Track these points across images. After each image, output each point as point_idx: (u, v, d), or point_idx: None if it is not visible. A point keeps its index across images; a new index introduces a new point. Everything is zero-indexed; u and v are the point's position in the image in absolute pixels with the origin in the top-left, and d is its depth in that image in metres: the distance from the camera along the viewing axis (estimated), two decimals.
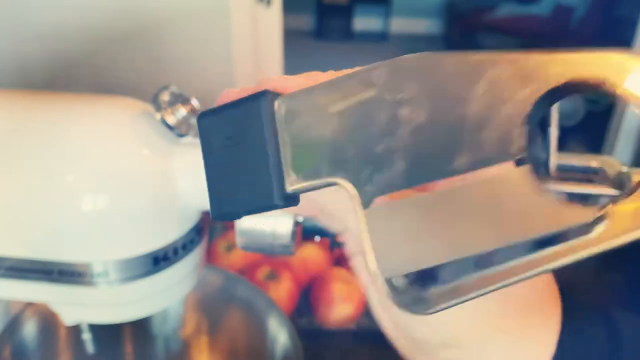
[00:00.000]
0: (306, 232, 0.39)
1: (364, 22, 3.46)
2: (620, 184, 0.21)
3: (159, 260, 0.37)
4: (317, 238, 0.40)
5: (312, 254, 0.73)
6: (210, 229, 0.78)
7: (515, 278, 0.16)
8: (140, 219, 0.34)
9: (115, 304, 0.38)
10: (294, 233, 0.37)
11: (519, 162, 0.15)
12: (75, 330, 0.48)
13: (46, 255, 0.35)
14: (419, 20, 3.50)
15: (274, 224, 0.36)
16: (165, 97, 0.35)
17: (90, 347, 0.47)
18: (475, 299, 0.16)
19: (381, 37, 3.45)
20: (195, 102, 0.36)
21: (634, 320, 0.28)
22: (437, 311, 0.16)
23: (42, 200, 0.33)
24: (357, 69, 0.17)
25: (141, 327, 0.56)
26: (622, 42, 1.69)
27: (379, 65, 0.17)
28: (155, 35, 1.10)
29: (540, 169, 0.18)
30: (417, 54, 0.17)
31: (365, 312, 0.70)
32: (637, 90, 0.15)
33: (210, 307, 0.55)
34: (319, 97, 0.17)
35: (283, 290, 0.67)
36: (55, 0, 1.02)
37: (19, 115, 0.35)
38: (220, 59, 1.16)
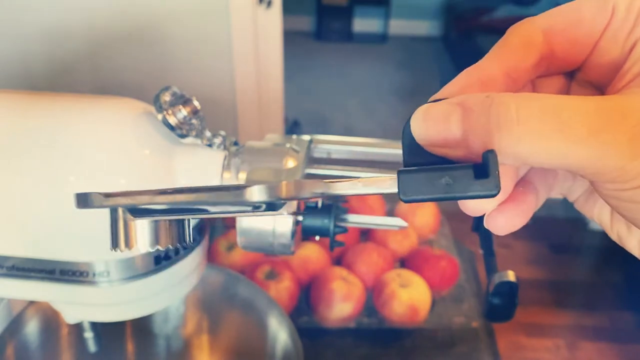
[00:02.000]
0: (306, 232, 0.39)
1: (364, 23, 3.46)
2: None
3: (161, 260, 0.37)
4: (317, 237, 0.40)
5: (312, 253, 0.73)
6: (211, 228, 0.78)
7: None
8: None
9: (116, 303, 0.38)
10: (293, 232, 0.37)
11: None
12: (77, 328, 0.48)
13: (48, 254, 0.35)
14: (418, 21, 3.50)
15: (274, 224, 0.36)
16: (166, 97, 0.35)
17: (91, 346, 0.47)
18: None
19: (380, 39, 3.45)
20: (196, 103, 0.36)
21: (634, 319, 0.28)
22: None
23: (44, 200, 0.33)
24: None
25: (143, 326, 0.56)
26: None
27: None
28: (157, 36, 1.10)
29: None
30: None
31: (365, 311, 0.70)
32: None
33: (211, 306, 0.55)
34: None
35: (283, 289, 0.67)
36: (57, 2, 1.03)
37: (22, 116, 0.35)
38: (221, 61, 1.16)
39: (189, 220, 0.24)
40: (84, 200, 0.20)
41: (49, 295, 0.37)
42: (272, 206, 0.21)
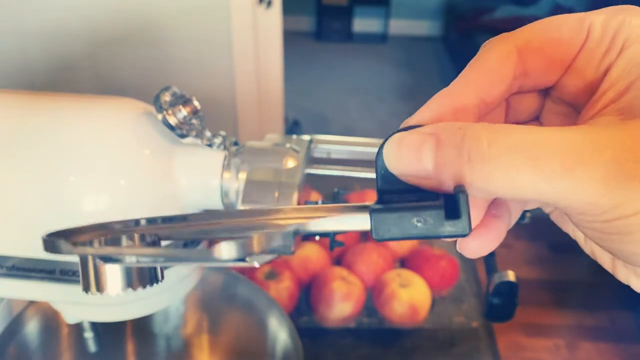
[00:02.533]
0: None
1: (364, 23, 3.47)
2: None
3: None
4: (317, 237, 0.40)
5: (312, 253, 0.73)
6: None
7: None
8: None
9: (116, 303, 0.38)
10: None
11: None
12: (77, 329, 0.48)
13: (48, 254, 0.35)
14: (418, 21, 3.50)
15: None
16: (166, 97, 0.35)
17: (92, 346, 0.47)
18: None
19: (380, 39, 3.45)
20: (196, 103, 0.36)
21: (634, 319, 0.28)
22: None
23: (44, 199, 0.33)
24: None
25: (143, 326, 0.56)
26: None
27: None
28: (157, 36, 1.10)
29: None
30: None
31: (365, 311, 0.70)
32: None
33: (211, 306, 0.55)
34: None
35: (283, 289, 0.67)
36: (56, 2, 1.03)
37: (21, 116, 0.35)
38: (221, 60, 1.16)
39: None
40: (51, 247, 0.20)
41: (49, 295, 0.37)
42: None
